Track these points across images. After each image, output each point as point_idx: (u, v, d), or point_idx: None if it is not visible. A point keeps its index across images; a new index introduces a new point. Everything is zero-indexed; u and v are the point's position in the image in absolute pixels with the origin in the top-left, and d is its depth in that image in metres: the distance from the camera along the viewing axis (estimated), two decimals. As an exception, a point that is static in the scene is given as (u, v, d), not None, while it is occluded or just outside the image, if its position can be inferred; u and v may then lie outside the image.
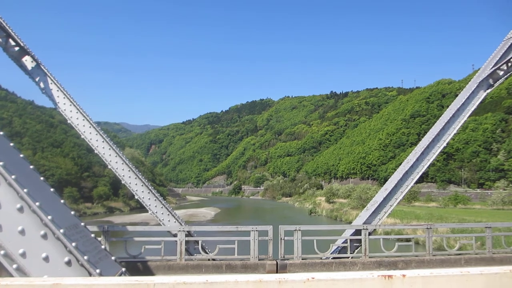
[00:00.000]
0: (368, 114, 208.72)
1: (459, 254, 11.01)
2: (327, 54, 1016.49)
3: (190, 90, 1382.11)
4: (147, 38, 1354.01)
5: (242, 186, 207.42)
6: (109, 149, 10.77)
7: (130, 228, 10.83)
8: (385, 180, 20.86)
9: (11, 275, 3.26)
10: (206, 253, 10.28)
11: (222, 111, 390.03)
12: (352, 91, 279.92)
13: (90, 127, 10.74)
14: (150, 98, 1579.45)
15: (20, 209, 3.42)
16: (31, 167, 3.99)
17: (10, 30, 10.13)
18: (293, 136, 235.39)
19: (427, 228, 10.97)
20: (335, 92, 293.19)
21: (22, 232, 3.37)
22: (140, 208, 74.66)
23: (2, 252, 3.27)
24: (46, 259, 3.38)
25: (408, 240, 14.95)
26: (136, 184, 10.80)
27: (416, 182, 11.96)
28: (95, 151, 10.77)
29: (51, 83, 10.66)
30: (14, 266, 3.28)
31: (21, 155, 3.96)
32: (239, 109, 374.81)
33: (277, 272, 9.58)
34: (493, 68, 11.05)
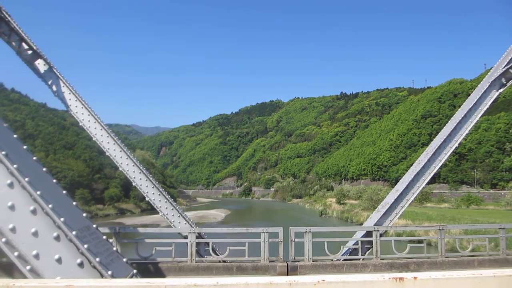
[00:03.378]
0: (379, 115, 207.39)
1: (472, 256, 10.87)
2: (336, 55, 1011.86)
3: (200, 92, 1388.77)
4: (156, 38, 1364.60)
5: (252, 188, 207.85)
6: (120, 151, 10.86)
7: (141, 229, 10.91)
8: (396, 181, 20.73)
9: (25, 277, 3.30)
10: (217, 254, 10.30)
11: (232, 112, 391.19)
12: (362, 91, 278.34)
13: (101, 129, 10.85)
14: (160, 99, 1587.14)
15: (33, 211, 3.47)
16: (44, 169, 4.04)
17: (23, 34, 10.31)
18: (303, 138, 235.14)
19: (439, 229, 10.86)
20: (345, 93, 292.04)
21: (35, 234, 3.41)
22: (151, 209, 74.08)
23: (16, 253, 3.32)
24: (59, 260, 3.42)
25: (420, 241, 14.84)
26: (146, 186, 10.87)
27: (428, 183, 11.86)
28: (106, 153, 10.87)
29: (63, 86, 10.80)
30: (28, 267, 3.32)
31: (34, 158, 4.02)
32: (249, 111, 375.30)
33: (287, 274, 9.57)
34: (506, 67, 10.90)
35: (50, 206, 3.51)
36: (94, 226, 4.16)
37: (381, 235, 10.41)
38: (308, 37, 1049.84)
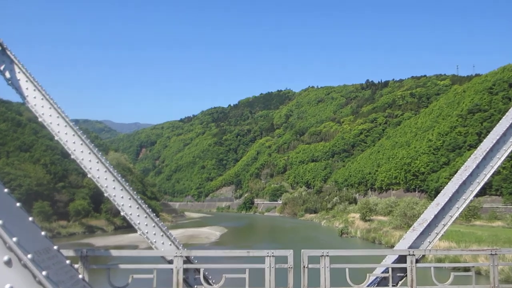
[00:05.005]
0: (414, 109, 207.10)
1: (533, 288, 10.81)
2: (362, 39, 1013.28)
3: (190, 82, 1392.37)
4: (135, 25, 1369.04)
5: (255, 200, 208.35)
6: (89, 153, 10.87)
7: (114, 252, 10.90)
8: (437, 192, 20.72)
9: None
10: (210, 284, 10.30)
11: (229, 105, 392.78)
12: (393, 79, 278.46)
13: (65, 126, 10.85)
14: (140, 91, 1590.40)
15: (-22, 229, 3.44)
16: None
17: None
18: (319, 137, 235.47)
19: (491, 254, 10.81)
20: (371, 81, 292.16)
21: (-20, 257, 3.38)
22: (127, 227, 73.83)
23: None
24: (11, 291, 3.39)
25: (467, 269, 14.76)
26: (122, 197, 10.82)
27: (477, 195, 11.83)
28: (72, 156, 10.88)
29: (19, 72, 10.79)
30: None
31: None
32: (251, 103, 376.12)
33: (299, 309, 9.54)
34: None
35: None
36: (56, 248, 4.14)
37: (417, 261, 10.38)
38: (325, 20, 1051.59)
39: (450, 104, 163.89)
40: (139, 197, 10.99)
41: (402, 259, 10.54)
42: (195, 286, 10.31)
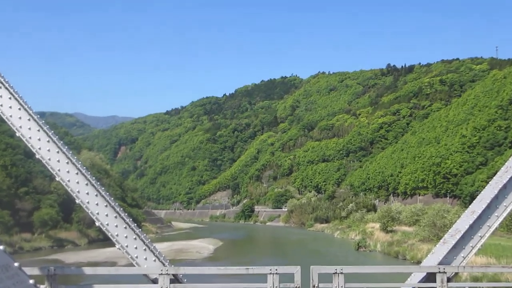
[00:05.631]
0: (445, 99, 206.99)
1: None
2: (381, 17, 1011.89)
3: (177, 67, 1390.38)
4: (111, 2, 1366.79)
5: (255, 207, 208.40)
6: (58, 152, 10.80)
7: (88, 270, 10.89)
8: (472, 198, 20.74)
9: None
10: (202, 307, 10.25)
11: (225, 95, 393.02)
12: (420, 63, 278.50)
13: (29, 120, 10.77)
14: (118, 78, 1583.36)
15: None
16: None
17: None
18: (331, 132, 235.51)
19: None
20: (393, 65, 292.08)
21: None
22: (104, 240, 74.32)
23: None
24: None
25: (508, 289, 14.71)
26: (97, 204, 10.71)
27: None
28: (37, 156, 10.84)
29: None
30: None
31: None
32: (250, 92, 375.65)
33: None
34: None
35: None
36: (17, 265, 4.13)
37: (449, 280, 10.36)
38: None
39: (488, 92, 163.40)
40: (117, 204, 10.89)
41: (430, 277, 10.50)
42: (184, 310, 10.27)
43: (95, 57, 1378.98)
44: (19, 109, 10.75)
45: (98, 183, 10.87)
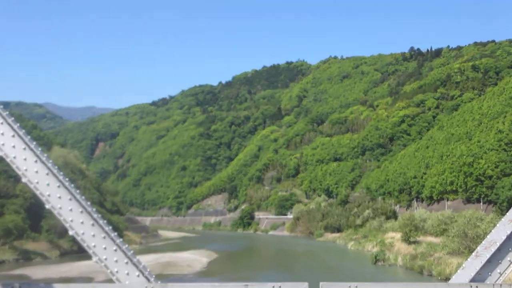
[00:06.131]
0: (478, 88, 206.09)
1: None
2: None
3: (166, 52, 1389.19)
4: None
5: (255, 214, 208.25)
6: (25, 149, 10.65)
7: (59, 287, 10.77)
8: (510, 204, 20.65)
9: None
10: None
11: (220, 83, 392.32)
12: (448, 47, 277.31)
13: (-10, 110, 10.69)
14: (96, 64, 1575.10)
15: None
16: None
17: None
18: (345, 127, 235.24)
19: None
20: (417, 49, 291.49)
21: None
22: (79, 252, 74.35)
23: None
24: None
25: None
26: (71, 209, 10.19)
27: None
28: (0, 154, 10.74)
29: None
30: None
31: None
32: (250, 80, 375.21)
33: None
34: None
35: None
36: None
37: (482, 299, 10.25)
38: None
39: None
40: (95, 210, 10.40)
41: (461, 296, 10.41)
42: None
43: (70, 42, 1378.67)
44: (-20, 98, 10.73)
45: (72, 185, 10.45)
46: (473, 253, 10.98)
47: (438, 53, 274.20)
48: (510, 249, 10.67)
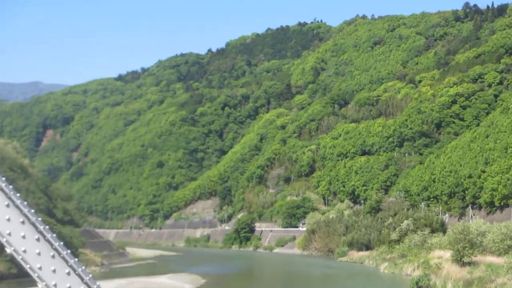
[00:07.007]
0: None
1: None
2: None
3: (138, 13, 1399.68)
4: None
5: (256, 225, 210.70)
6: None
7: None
8: None
9: None
10: None
11: (210, 51, 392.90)
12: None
13: None
14: (43, 28, 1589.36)
15: None
16: None
17: None
18: (376, 110, 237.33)
19: None
20: (474, 5, 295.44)
21: None
22: (19, 276, 77.32)
23: None
24: None
25: None
26: (8, 219, 9.61)
27: None
28: None
29: None
30: None
31: None
32: (250, 46, 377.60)
33: None
34: None
35: None
36: None
37: None
38: None
39: None
40: (40, 219, 9.53)
41: None
42: None
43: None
44: None
45: (11, 186, 9.28)
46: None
47: (501, 10, 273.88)
48: None
